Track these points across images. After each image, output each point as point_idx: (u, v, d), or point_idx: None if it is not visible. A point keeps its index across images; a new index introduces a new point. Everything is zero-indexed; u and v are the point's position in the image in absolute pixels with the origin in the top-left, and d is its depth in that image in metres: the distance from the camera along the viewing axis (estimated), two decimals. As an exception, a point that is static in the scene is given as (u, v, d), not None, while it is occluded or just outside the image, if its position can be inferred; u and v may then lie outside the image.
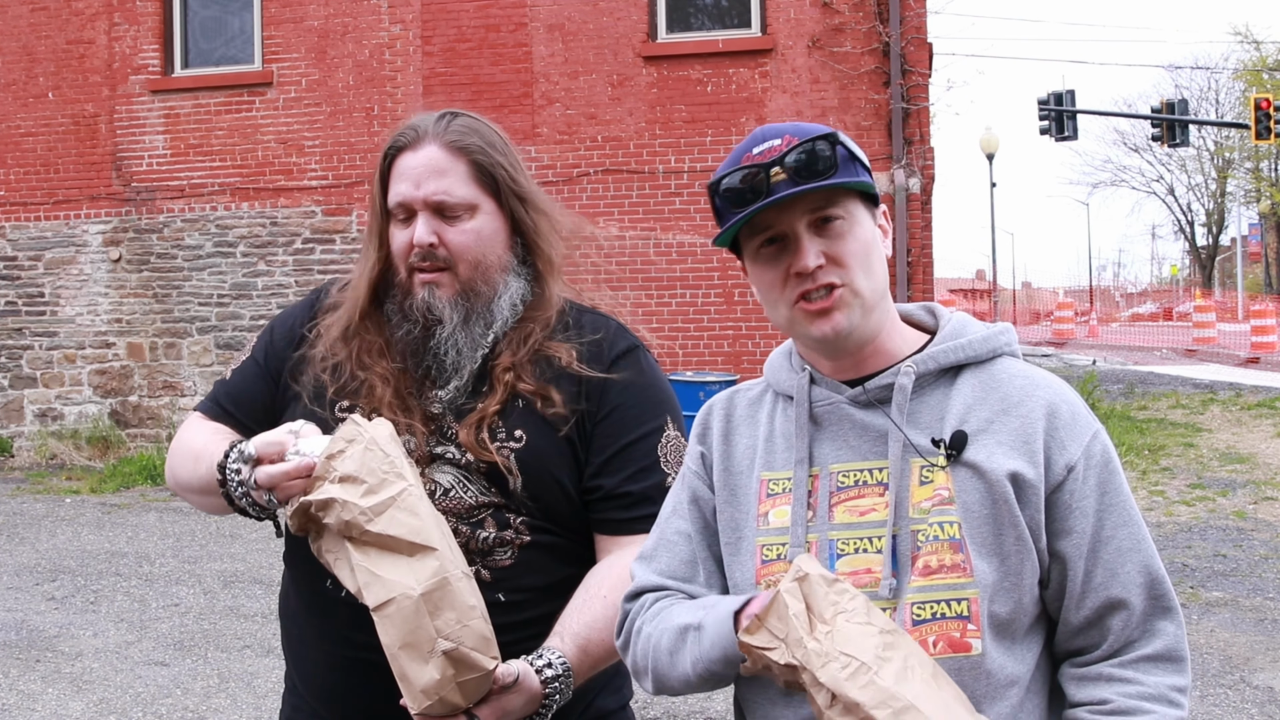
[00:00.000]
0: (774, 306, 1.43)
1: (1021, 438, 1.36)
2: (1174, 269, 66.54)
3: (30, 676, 5.38)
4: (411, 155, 1.75)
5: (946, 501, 1.34)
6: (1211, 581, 6.69)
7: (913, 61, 10.54)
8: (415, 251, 1.73)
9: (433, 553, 1.46)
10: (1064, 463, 1.35)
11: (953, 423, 1.38)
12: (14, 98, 12.18)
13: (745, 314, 10.78)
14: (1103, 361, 22.86)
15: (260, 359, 1.88)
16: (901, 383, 1.40)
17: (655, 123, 10.94)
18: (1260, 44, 47.56)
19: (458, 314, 1.74)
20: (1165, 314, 42.43)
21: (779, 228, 1.38)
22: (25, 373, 12.18)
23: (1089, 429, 1.39)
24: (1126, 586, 1.34)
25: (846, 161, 1.38)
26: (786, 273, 1.39)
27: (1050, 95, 26.72)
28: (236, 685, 5.20)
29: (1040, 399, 1.39)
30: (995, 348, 1.44)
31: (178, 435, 1.88)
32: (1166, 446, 11.34)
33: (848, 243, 1.38)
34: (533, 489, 1.71)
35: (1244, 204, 52.15)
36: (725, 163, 1.42)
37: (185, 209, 11.82)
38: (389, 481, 1.49)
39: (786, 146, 1.37)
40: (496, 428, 1.71)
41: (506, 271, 1.79)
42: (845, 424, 1.43)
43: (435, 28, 11.31)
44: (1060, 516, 1.35)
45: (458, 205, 1.73)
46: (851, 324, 1.39)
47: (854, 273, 1.38)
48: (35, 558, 7.82)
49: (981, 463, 1.35)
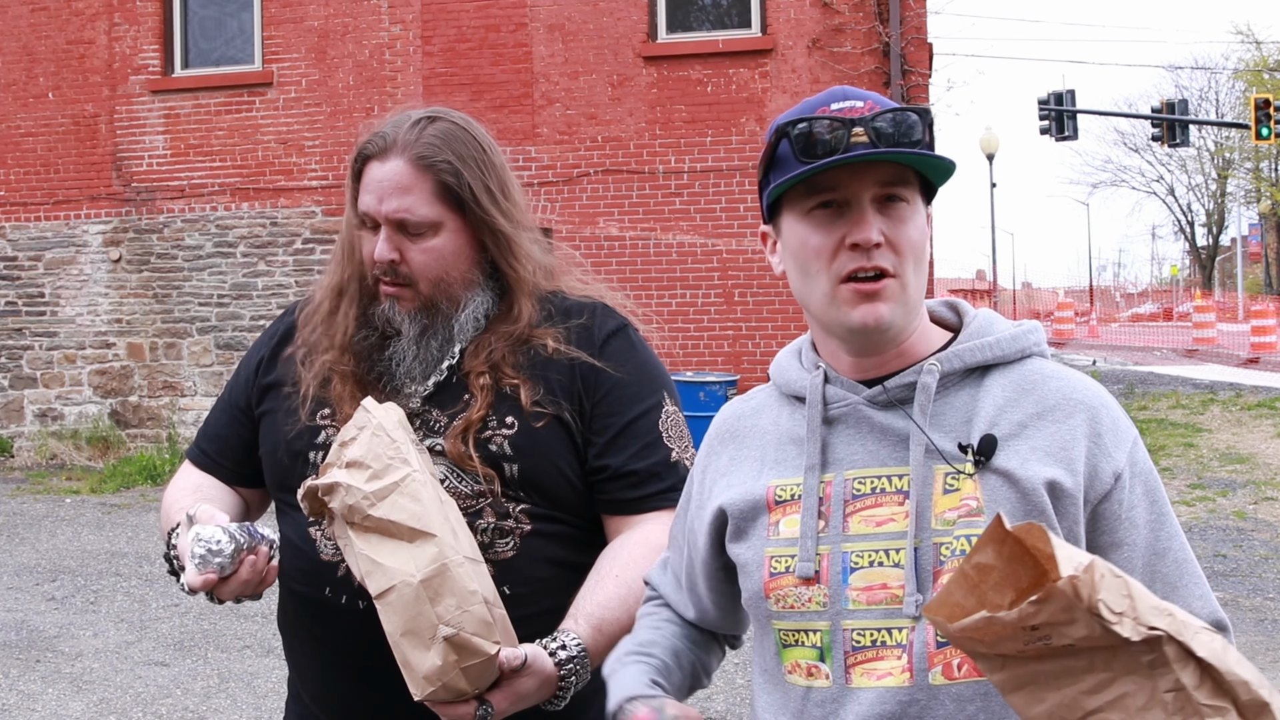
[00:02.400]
0: (813, 278, 1.29)
1: (1059, 444, 1.25)
2: (1174, 269, 66.52)
3: (30, 676, 5.38)
4: (378, 166, 1.70)
5: (974, 513, 1.23)
6: (1211, 581, 6.64)
7: (913, 61, 10.54)
8: (377, 266, 1.72)
9: (432, 539, 1.45)
10: (1111, 471, 1.25)
11: (981, 426, 1.27)
12: (14, 98, 12.18)
13: (745, 314, 10.78)
14: (1103, 362, 22.86)
15: (230, 396, 1.91)
16: (925, 381, 1.29)
17: (655, 123, 10.94)
18: (1260, 44, 47.57)
19: (415, 328, 1.73)
20: (1165, 314, 42.41)
21: (843, 192, 1.26)
22: (25, 373, 12.18)
23: (1130, 435, 1.29)
24: (1189, 600, 1.26)
25: (928, 146, 1.28)
26: (840, 242, 1.26)
27: (1050, 95, 26.72)
28: (236, 685, 5.20)
29: (1080, 402, 1.28)
30: (1024, 347, 1.33)
31: (171, 483, 1.91)
32: (1167, 447, 11.34)
33: (908, 229, 1.27)
34: (530, 475, 1.69)
35: (1244, 204, 52.18)
36: (795, 110, 1.31)
37: (185, 209, 11.82)
38: (393, 467, 1.48)
39: (870, 110, 1.27)
40: (485, 425, 1.70)
41: (471, 287, 1.75)
42: (863, 426, 1.31)
43: (435, 28, 11.32)
44: (1109, 529, 1.26)
45: (420, 224, 1.69)
46: (893, 318, 1.27)
47: (907, 264, 1.27)
48: (35, 558, 7.82)
49: (1015, 470, 1.24)
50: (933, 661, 1.22)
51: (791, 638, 1.31)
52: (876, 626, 1.25)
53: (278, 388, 1.83)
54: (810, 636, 1.29)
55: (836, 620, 1.27)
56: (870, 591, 1.26)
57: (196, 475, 1.88)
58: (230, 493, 1.85)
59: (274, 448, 1.79)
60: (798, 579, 1.29)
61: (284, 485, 1.77)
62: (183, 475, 1.90)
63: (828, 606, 1.28)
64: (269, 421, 1.81)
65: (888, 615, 1.25)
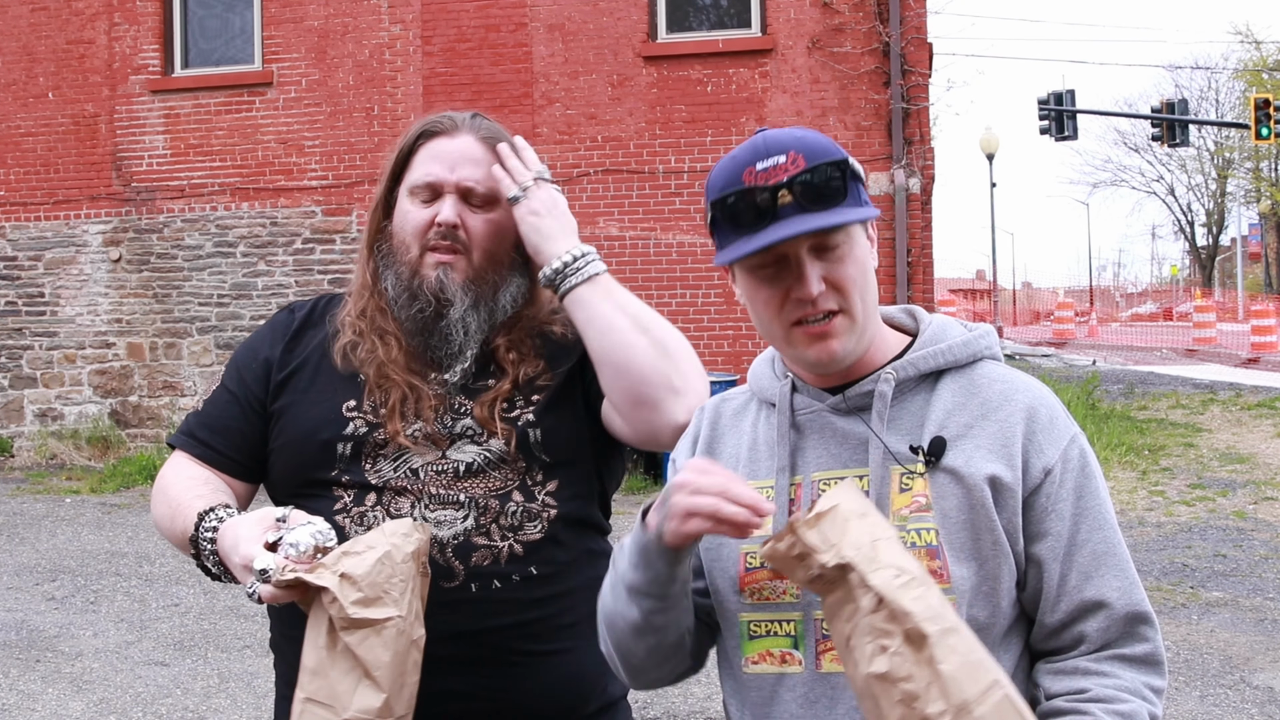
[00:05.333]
0: (767, 324, 1.41)
1: (1000, 441, 1.36)
2: (1174, 269, 66.51)
3: (30, 676, 5.38)
4: (447, 140, 1.82)
5: (923, 509, 1.35)
6: (1211, 581, 6.69)
7: (913, 61, 10.54)
8: (436, 230, 1.78)
9: (380, 695, 1.46)
10: (1041, 466, 1.35)
11: (932, 429, 1.38)
12: (14, 98, 12.18)
13: (745, 314, 10.66)
14: (1103, 362, 22.86)
15: (235, 389, 1.87)
16: (881, 390, 1.40)
17: (655, 123, 10.94)
18: (1260, 44, 47.63)
19: (468, 297, 1.78)
20: (1165, 314, 42.43)
21: (779, 251, 1.35)
22: (25, 373, 12.19)
23: (1067, 433, 1.39)
24: (1101, 590, 1.34)
25: (856, 185, 1.36)
26: (785, 295, 1.36)
27: (1050, 95, 26.73)
28: (236, 685, 5.20)
29: (1019, 402, 1.39)
30: (975, 352, 1.44)
31: (160, 475, 1.87)
32: (1166, 446, 11.34)
33: (848, 267, 1.36)
34: (554, 440, 1.76)
35: (1244, 204, 52.18)
36: (723, 170, 1.38)
37: (185, 209, 11.82)
38: (383, 603, 1.47)
39: (794, 167, 1.33)
40: (512, 403, 1.78)
41: (511, 269, 1.84)
42: (827, 432, 1.43)
43: (435, 28, 11.32)
44: (1036, 520, 1.36)
45: (485, 195, 1.81)
46: (846, 350, 1.38)
47: (852, 298, 1.37)
48: (35, 558, 7.82)
49: (960, 468, 1.35)
50: None
51: (762, 628, 1.41)
52: None
53: (295, 382, 1.84)
54: (784, 626, 1.40)
55: (808, 610, 1.38)
56: None
57: (195, 467, 1.85)
58: (227, 488, 1.84)
59: (299, 438, 1.79)
60: (772, 571, 1.38)
61: (306, 477, 1.78)
62: (183, 466, 1.86)
63: (800, 597, 1.38)
64: (291, 413, 1.82)
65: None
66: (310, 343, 1.87)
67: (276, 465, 1.83)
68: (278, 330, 1.91)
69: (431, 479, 1.72)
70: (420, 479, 1.72)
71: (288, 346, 1.88)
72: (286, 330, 1.90)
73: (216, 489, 1.79)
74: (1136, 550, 7.25)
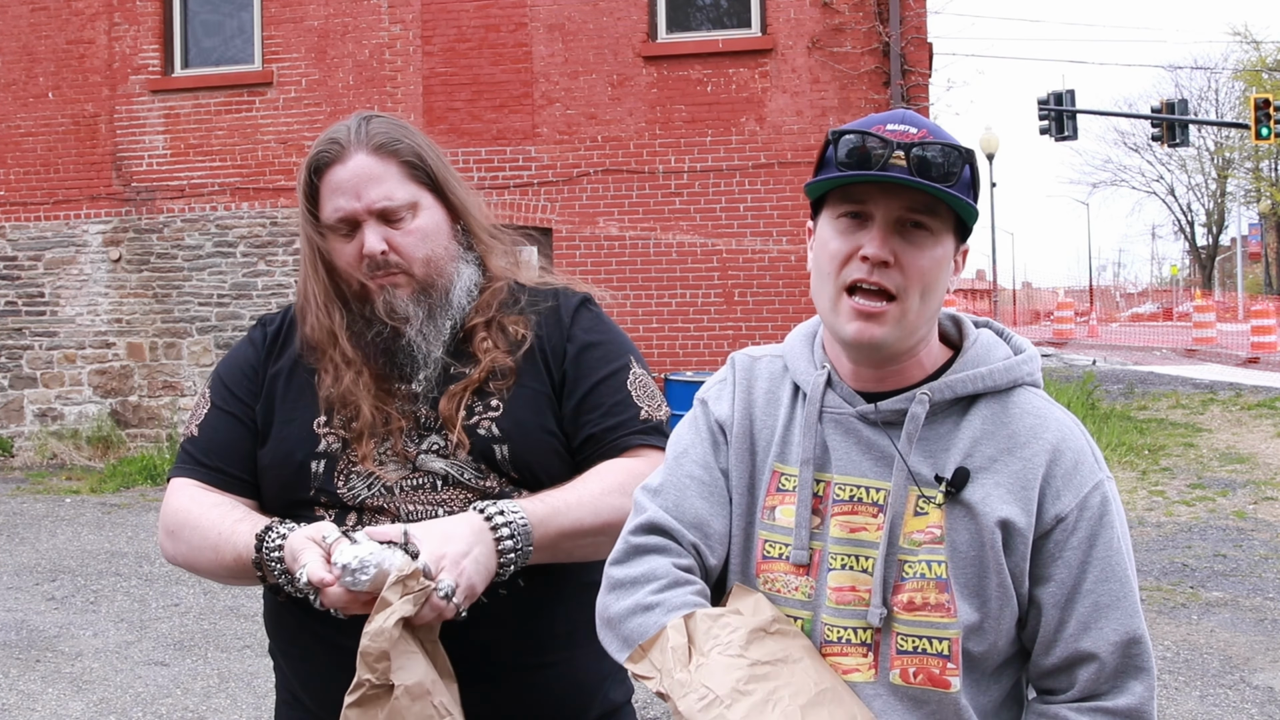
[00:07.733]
0: (824, 280, 1.38)
1: (1020, 482, 1.34)
2: (1174, 269, 66.49)
3: (30, 676, 5.38)
4: (341, 168, 1.73)
5: (937, 540, 1.34)
6: (1211, 581, 6.69)
7: (913, 61, 10.54)
8: (366, 262, 1.72)
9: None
10: (1055, 512, 1.34)
11: (957, 457, 1.36)
12: (14, 98, 12.18)
13: (745, 314, 10.78)
14: (1103, 361, 22.86)
15: (229, 407, 1.83)
16: (914, 411, 1.37)
17: (655, 123, 10.94)
18: (1260, 44, 47.64)
19: (421, 310, 1.75)
20: (1165, 314, 42.39)
21: (870, 207, 1.33)
22: (25, 373, 12.19)
23: (1091, 479, 1.36)
24: (1098, 642, 1.33)
25: (966, 184, 1.35)
26: (854, 251, 1.34)
27: (1050, 95, 26.73)
28: (236, 685, 5.20)
29: (1046, 441, 1.36)
30: (1016, 379, 1.41)
31: (171, 508, 1.79)
32: (1166, 446, 11.34)
33: (922, 257, 1.34)
34: (520, 454, 1.71)
35: (1244, 204, 52.18)
36: (857, 122, 1.38)
37: (185, 209, 11.82)
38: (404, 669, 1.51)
39: (921, 137, 1.33)
40: (474, 402, 1.73)
41: (456, 260, 1.80)
42: (853, 437, 1.41)
43: (435, 28, 11.31)
44: (1043, 563, 1.35)
45: (400, 207, 1.73)
46: (886, 340, 1.35)
47: (912, 289, 1.34)
48: (35, 558, 7.82)
49: (976, 504, 1.33)
50: (893, 664, 1.34)
51: None
52: (843, 625, 1.36)
53: (272, 398, 1.82)
54: (793, 623, 1.38)
55: (817, 613, 1.38)
56: (840, 592, 1.37)
57: (210, 494, 1.79)
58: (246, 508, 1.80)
59: (278, 460, 1.77)
60: (792, 565, 1.39)
61: (289, 497, 1.76)
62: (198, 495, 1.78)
63: (811, 598, 1.38)
64: (271, 434, 1.80)
65: (854, 616, 1.36)
66: (282, 356, 1.85)
67: (263, 485, 1.81)
68: (255, 345, 1.89)
69: (408, 495, 1.70)
70: (395, 496, 1.70)
71: (264, 361, 1.86)
72: (261, 345, 1.88)
73: (246, 511, 1.76)
74: (1137, 550, 7.24)
